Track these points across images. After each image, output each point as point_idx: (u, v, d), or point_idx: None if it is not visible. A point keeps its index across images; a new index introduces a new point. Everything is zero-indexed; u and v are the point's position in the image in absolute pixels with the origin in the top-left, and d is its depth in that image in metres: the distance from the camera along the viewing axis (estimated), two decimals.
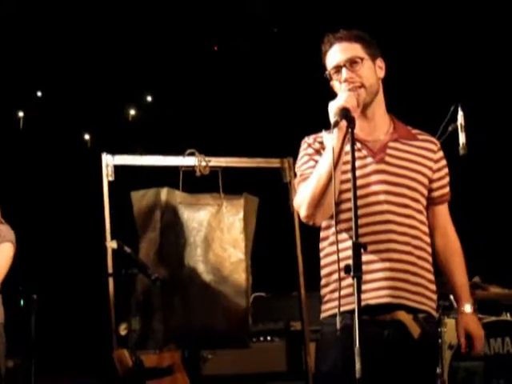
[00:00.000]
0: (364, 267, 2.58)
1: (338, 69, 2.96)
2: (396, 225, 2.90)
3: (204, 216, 5.29)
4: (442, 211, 3.13)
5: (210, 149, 5.39)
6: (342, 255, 2.75)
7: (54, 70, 7.84)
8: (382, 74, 3.03)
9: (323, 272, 3.02)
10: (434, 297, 2.99)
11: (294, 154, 5.54)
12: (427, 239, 3.00)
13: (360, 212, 2.78)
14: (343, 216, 2.79)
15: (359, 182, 2.83)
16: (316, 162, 2.93)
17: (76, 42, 7.60)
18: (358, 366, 2.36)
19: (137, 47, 7.83)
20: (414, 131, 3.10)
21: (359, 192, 2.81)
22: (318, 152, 2.98)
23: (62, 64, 7.79)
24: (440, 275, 3.07)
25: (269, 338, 6.08)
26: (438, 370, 5.12)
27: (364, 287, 2.67)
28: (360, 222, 2.79)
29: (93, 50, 7.76)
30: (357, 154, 2.90)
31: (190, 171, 5.29)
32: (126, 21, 7.51)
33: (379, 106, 3.03)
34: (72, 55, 7.73)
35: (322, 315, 3.02)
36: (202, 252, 5.25)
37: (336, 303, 2.80)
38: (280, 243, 6.35)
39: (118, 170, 5.16)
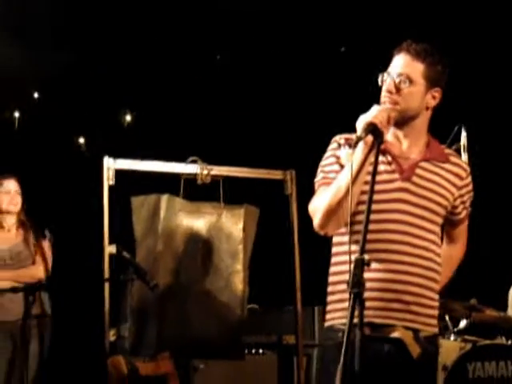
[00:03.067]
0: (368, 284, 2.54)
1: (388, 76, 2.93)
2: (409, 246, 2.87)
3: (203, 225, 5.25)
4: (462, 229, 3.15)
5: (213, 157, 5.35)
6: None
7: (52, 71, 7.79)
8: (432, 103, 2.94)
9: (332, 279, 2.97)
10: (436, 314, 2.97)
11: (297, 166, 5.55)
12: (438, 259, 2.97)
13: (376, 227, 2.78)
14: (357, 227, 2.70)
15: (381, 197, 2.83)
16: (342, 166, 2.89)
17: (75, 45, 7.56)
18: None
19: (140, 53, 7.80)
20: (447, 151, 3.07)
21: (379, 207, 2.81)
22: None
23: (61, 65, 7.74)
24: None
25: (261, 350, 6.03)
26: None
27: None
28: (374, 236, 2.79)
29: (92, 53, 7.71)
30: (385, 168, 2.90)
31: (191, 179, 5.25)
32: (124, 24, 7.46)
33: (418, 128, 2.97)
34: (71, 57, 7.69)
35: (326, 324, 2.98)
36: (199, 261, 5.20)
37: (339, 314, 2.85)
38: (276, 256, 6.32)
39: (117, 174, 5.10)
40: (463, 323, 5.71)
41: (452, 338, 5.69)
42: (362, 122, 2.73)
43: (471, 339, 5.61)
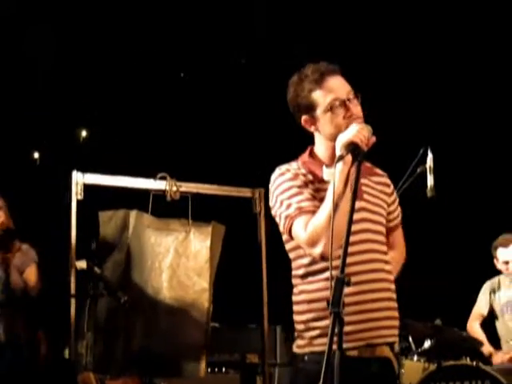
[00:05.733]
0: (357, 307, 2.51)
1: (343, 102, 2.87)
2: (377, 263, 2.89)
3: (171, 242, 5.23)
4: (398, 234, 3.18)
5: (180, 174, 5.35)
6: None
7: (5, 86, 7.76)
8: None
9: (314, 306, 2.87)
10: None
11: (266, 185, 5.53)
12: (390, 268, 2.98)
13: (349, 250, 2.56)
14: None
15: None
16: (311, 195, 2.86)
17: (30, 58, 7.51)
18: None
19: (103, 69, 7.77)
20: (368, 164, 3.05)
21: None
22: (306, 185, 2.90)
23: (16, 80, 7.71)
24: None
25: (224, 369, 6.01)
26: None
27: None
28: (348, 260, 2.55)
29: (49, 68, 7.66)
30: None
31: (159, 195, 5.24)
32: (88, 38, 7.42)
33: None
34: (26, 72, 7.65)
35: (316, 349, 2.86)
36: (166, 278, 5.18)
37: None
38: (242, 274, 6.31)
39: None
40: (427, 344, 5.73)
41: (415, 358, 5.72)
42: (341, 141, 2.71)
43: (435, 360, 5.63)
